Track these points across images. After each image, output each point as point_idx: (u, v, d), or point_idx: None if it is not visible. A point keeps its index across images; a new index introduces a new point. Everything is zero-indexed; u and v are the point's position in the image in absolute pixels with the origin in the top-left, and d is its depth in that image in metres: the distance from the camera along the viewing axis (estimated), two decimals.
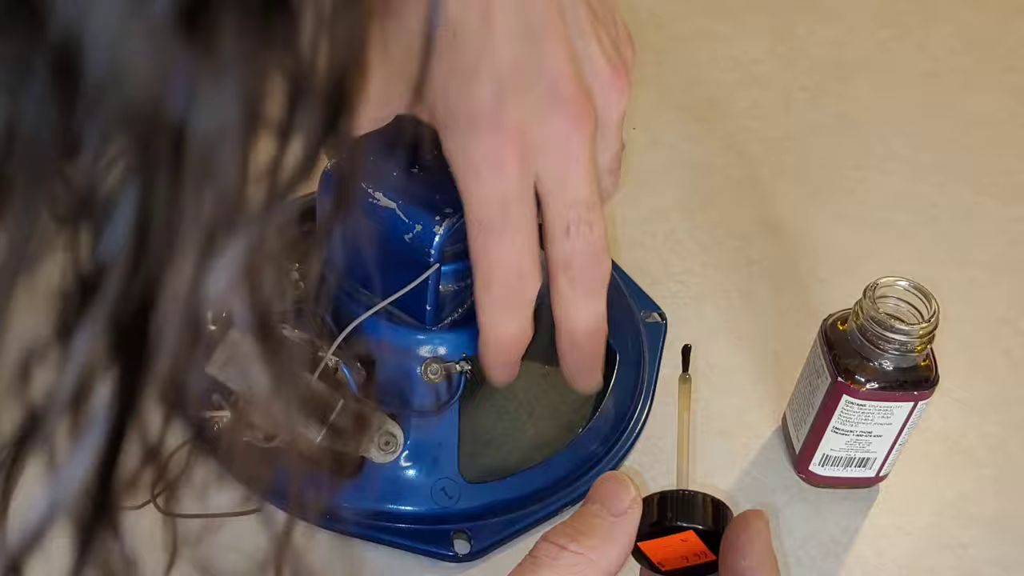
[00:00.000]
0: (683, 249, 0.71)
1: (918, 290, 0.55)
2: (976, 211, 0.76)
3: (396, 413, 0.55)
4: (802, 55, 0.86)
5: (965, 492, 0.61)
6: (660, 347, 0.65)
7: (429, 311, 0.53)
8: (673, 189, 0.75)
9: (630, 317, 0.65)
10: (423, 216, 0.50)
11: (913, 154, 0.79)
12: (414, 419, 0.55)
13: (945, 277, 0.71)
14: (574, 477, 0.58)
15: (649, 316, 0.66)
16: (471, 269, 0.52)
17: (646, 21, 0.85)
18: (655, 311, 0.66)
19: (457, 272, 0.54)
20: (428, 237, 0.50)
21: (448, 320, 0.55)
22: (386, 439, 0.54)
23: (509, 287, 0.48)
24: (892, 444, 0.57)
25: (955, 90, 0.85)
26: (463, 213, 0.48)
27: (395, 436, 0.54)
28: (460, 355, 0.55)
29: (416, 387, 0.55)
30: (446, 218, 0.50)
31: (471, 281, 0.54)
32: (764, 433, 0.62)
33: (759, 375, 0.65)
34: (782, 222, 0.74)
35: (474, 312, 0.54)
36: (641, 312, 0.66)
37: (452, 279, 0.54)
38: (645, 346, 0.64)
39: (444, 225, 0.50)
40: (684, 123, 0.80)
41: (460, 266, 0.53)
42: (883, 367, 0.54)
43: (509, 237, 0.46)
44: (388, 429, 0.54)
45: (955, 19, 0.91)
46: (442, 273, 0.52)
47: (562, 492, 0.58)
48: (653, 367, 0.64)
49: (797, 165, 0.77)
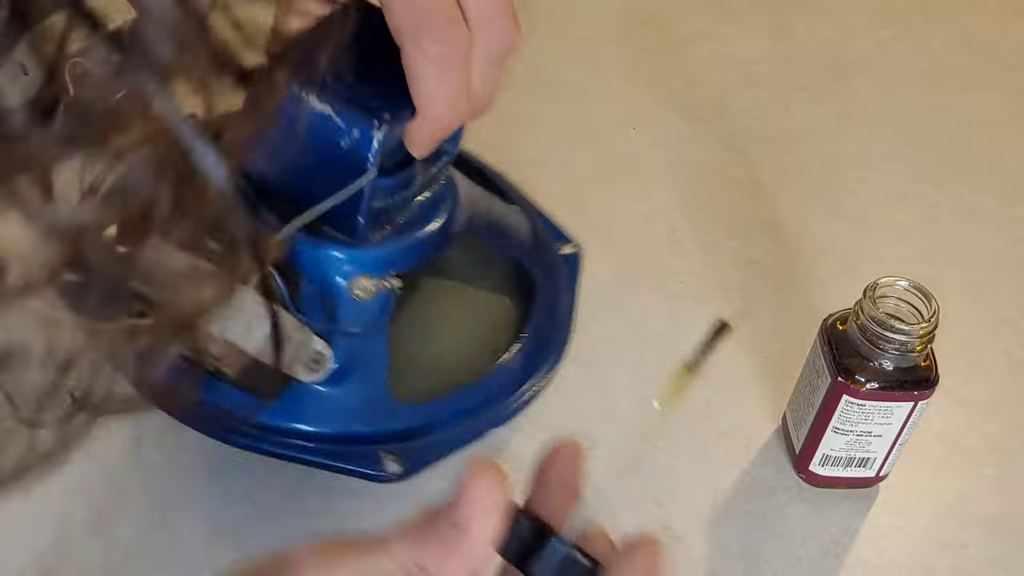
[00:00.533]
0: (683, 249, 0.71)
1: (918, 290, 0.55)
2: (976, 211, 0.76)
3: (323, 331, 0.53)
4: (802, 55, 0.86)
5: (965, 492, 0.61)
6: (576, 276, 0.67)
7: (361, 224, 0.51)
8: (673, 189, 0.75)
9: (548, 247, 0.67)
10: (361, 121, 0.48)
11: (913, 154, 0.79)
12: (342, 338, 0.53)
13: (945, 277, 0.71)
14: (501, 399, 0.59)
15: (563, 247, 0.68)
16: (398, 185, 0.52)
17: (646, 21, 0.85)
18: (569, 243, 0.68)
19: (387, 188, 0.52)
20: (366, 143, 0.48)
21: (378, 235, 0.54)
22: (314, 357, 0.53)
23: (440, 35, 0.47)
24: (892, 444, 0.57)
25: (955, 90, 0.85)
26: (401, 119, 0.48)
27: (323, 355, 0.53)
28: (389, 271, 0.53)
29: (344, 304, 0.53)
30: (385, 123, 0.48)
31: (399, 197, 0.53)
32: (764, 433, 0.62)
33: (759, 375, 0.65)
34: (782, 222, 0.74)
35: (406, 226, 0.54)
36: (557, 243, 0.67)
37: (382, 194, 0.52)
38: (563, 275, 0.66)
39: (383, 131, 0.48)
40: (684, 123, 0.80)
41: (390, 181, 0.52)
42: (883, 367, 0.54)
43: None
44: (315, 347, 0.53)
45: (955, 19, 0.91)
46: (377, 186, 0.50)
47: (490, 413, 0.59)
48: (571, 295, 0.65)
49: (797, 165, 0.77)
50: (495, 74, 0.50)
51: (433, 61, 0.47)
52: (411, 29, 0.46)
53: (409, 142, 0.50)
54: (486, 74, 0.49)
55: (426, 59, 0.47)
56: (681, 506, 0.59)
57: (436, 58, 0.47)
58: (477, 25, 0.47)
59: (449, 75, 0.48)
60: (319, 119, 0.48)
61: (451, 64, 0.47)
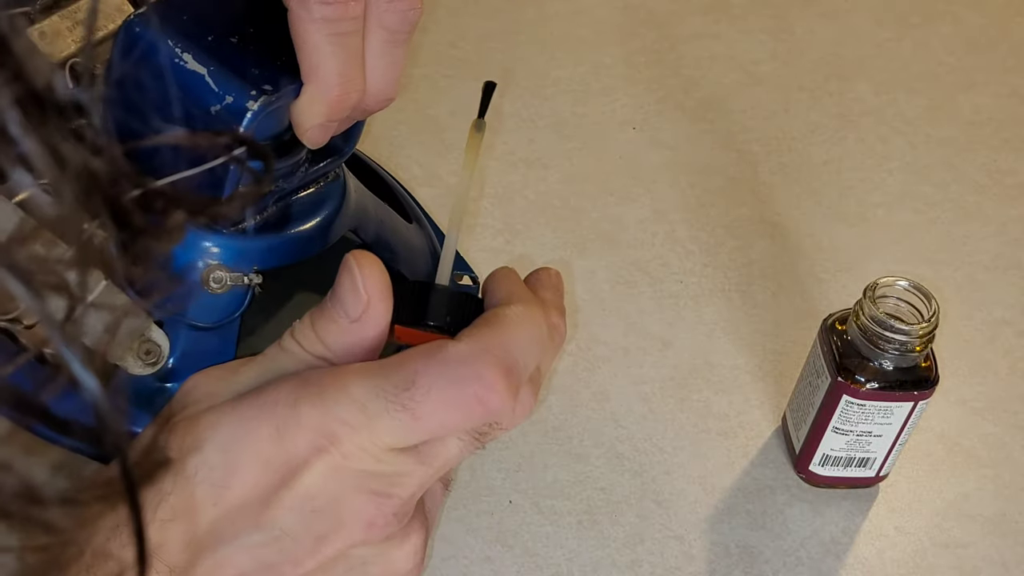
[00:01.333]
0: (683, 249, 0.71)
1: (918, 290, 0.55)
2: (976, 211, 0.76)
3: (164, 321, 0.48)
4: (802, 55, 0.86)
5: (965, 492, 0.61)
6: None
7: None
8: (673, 189, 0.75)
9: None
10: (237, 87, 0.43)
11: (913, 154, 0.79)
12: (186, 331, 0.48)
13: (945, 277, 0.72)
14: None
15: (461, 277, 0.63)
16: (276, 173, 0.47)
17: (646, 21, 0.85)
18: (467, 274, 0.64)
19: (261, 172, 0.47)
20: (239, 112, 0.43)
21: (243, 224, 0.49)
22: (147, 348, 0.48)
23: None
24: (892, 444, 0.57)
25: (955, 90, 0.85)
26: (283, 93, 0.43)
27: (159, 346, 0.48)
28: (251, 267, 0.49)
29: (194, 295, 0.48)
30: (263, 94, 0.43)
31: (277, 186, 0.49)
32: (764, 433, 0.62)
33: (759, 375, 0.65)
34: (782, 222, 0.74)
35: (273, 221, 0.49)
36: (455, 273, 0.63)
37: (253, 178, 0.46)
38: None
39: (260, 102, 0.43)
40: (684, 123, 0.80)
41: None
42: (883, 367, 0.54)
43: None
44: (151, 337, 0.48)
45: (955, 19, 0.91)
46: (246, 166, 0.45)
47: None
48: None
49: (797, 165, 0.78)
50: (396, 53, 0.45)
51: (320, 24, 0.42)
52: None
53: (296, 122, 0.45)
54: (384, 51, 0.44)
55: (312, 21, 0.42)
56: (681, 506, 0.59)
57: (324, 21, 0.42)
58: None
59: (339, 40, 0.43)
60: (191, 77, 0.43)
61: (341, 28, 0.42)
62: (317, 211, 0.52)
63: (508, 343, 0.36)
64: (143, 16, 0.43)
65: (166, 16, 0.44)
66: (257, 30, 0.45)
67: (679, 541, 0.57)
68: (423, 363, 0.35)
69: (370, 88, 0.45)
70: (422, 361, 0.36)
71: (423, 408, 0.35)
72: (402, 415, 0.35)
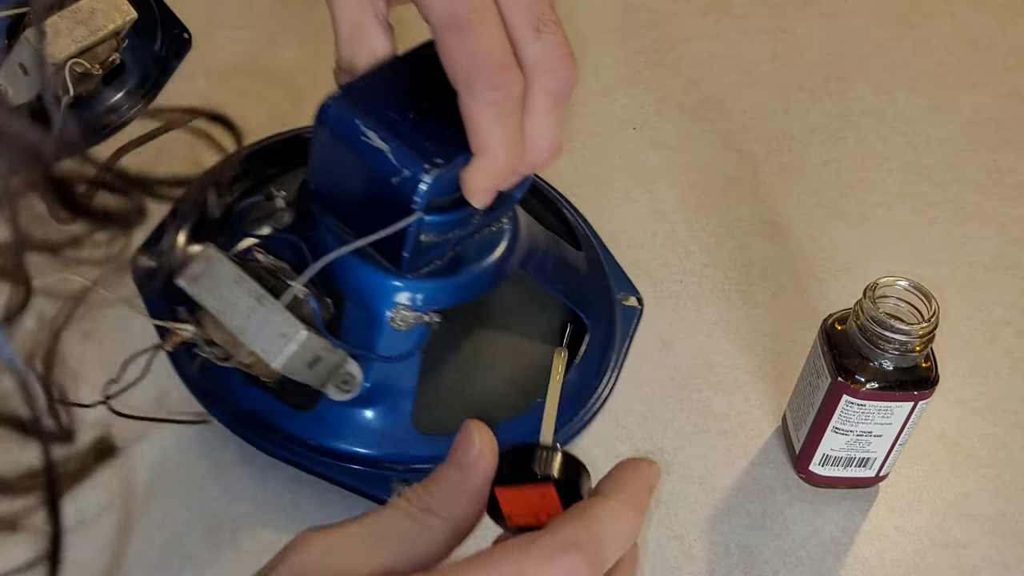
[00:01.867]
0: (683, 249, 0.71)
1: (918, 290, 0.55)
2: (976, 211, 0.76)
3: (359, 354, 0.55)
4: (802, 55, 0.86)
5: (965, 492, 0.61)
6: (632, 330, 0.66)
7: (406, 258, 0.52)
8: (673, 189, 0.75)
9: (607, 296, 0.66)
10: (413, 162, 0.49)
11: (913, 154, 0.79)
12: (376, 363, 0.55)
13: (945, 277, 0.71)
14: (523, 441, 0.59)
15: (627, 299, 0.67)
16: (451, 224, 0.52)
17: (646, 21, 0.85)
18: (634, 295, 0.67)
19: (439, 225, 0.53)
20: (414, 183, 0.49)
21: (424, 270, 0.55)
22: (344, 378, 0.54)
23: (493, 80, 0.46)
24: (892, 444, 0.57)
25: (955, 90, 0.85)
26: (454, 164, 0.48)
27: (354, 376, 0.54)
28: (431, 307, 0.55)
29: (382, 332, 0.55)
30: (435, 167, 0.49)
31: (452, 237, 0.54)
32: (764, 433, 0.62)
33: (759, 375, 0.65)
34: (782, 222, 0.74)
35: (451, 265, 0.54)
36: (620, 294, 0.67)
37: (434, 230, 0.53)
38: (617, 327, 0.65)
39: (432, 174, 0.49)
40: (684, 123, 0.80)
41: (443, 219, 0.53)
42: (883, 367, 0.54)
43: (479, 25, 0.46)
44: (348, 369, 0.54)
45: (955, 19, 0.91)
46: (424, 223, 0.51)
47: None
48: (622, 348, 0.64)
49: (797, 165, 0.78)
50: (555, 116, 0.49)
51: (486, 106, 0.47)
52: (464, 75, 0.46)
53: (466, 188, 0.50)
54: (546, 117, 0.49)
55: (479, 104, 0.47)
56: (681, 506, 0.59)
57: (489, 103, 0.47)
58: (533, 68, 0.47)
59: (503, 120, 0.47)
60: (375, 153, 0.50)
61: (505, 109, 0.47)
62: (490, 252, 0.58)
63: (601, 537, 0.37)
64: (336, 98, 0.50)
65: (354, 97, 0.51)
66: (431, 104, 0.50)
67: (679, 541, 0.57)
68: (518, 553, 0.36)
69: (539, 146, 0.49)
70: (518, 551, 0.36)
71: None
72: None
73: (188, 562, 0.54)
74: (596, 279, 0.66)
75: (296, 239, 0.56)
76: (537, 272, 0.61)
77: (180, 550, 0.55)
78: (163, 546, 0.55)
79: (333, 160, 0.52)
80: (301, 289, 0.52)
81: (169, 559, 0.54)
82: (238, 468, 0.58)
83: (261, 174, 0.65)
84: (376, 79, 0.51)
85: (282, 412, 0.56)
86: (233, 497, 0.57)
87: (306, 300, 0.53)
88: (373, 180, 0.50)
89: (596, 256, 0.67)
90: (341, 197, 0.53)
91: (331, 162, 0.52)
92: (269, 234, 0.58)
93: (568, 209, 0.69)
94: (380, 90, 0.51)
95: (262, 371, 0.53)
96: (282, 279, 0.53)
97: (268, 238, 0.57)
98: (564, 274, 0.63)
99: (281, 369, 0.51)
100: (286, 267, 0.54)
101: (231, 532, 0.55)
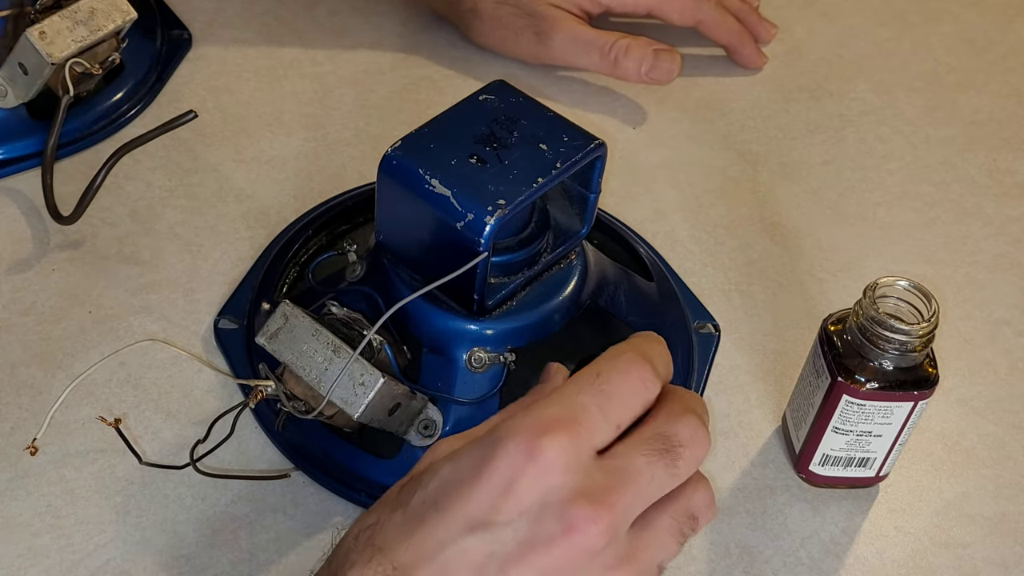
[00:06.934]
0: (683, 249, 0.71)
1: (918, 290, 0.55)
2: (976, 211, 0.76)
3: (437, 398, 0.56)
4: (802, 55, 0.86)
5: (965, 492, 0.61)
6: (710, 357, 0.65)
7: (476, 300, 0.54)
8: (673, 189, 0.75)
9: (682, 325, 0.65)
10: (476, 206, 0.51)
11: (913, 154, 0.79)
12: (454, 406, 0.56)
13: (945, 277, 0.71)
14: None
15: (703, 327, 0.66)
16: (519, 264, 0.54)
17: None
18: (710, 322, 0.67)
19: (506, 265, 0.55)
20: (479, 226, 0.51)
21: (497, 312, 0.56)
22: (425, 423, 0.55)
23: None
24: (892, 444, 0.57)
25: (955, 90, 0.85)
26: (516, 205, 0.51)
27: (435, 421, 0.55)
28: (506, 347, 0.56)
29: (459, 375, 0.56)
30: (498, 209, 0.51)
31: (521, 277, 0.56)
32: (764, 433, 0.62)
33: (759, 375, 0.65)
34: (782, 222, 0.74)
35: (523, 304, 0.56)
36: (695, 323, 0.66)
37: (501, 271, 0.55)
38: (695, 355, 0.64)
39: (496, 216, 0.51)
40: (684, 123, 0.80)
41: (509, 259, 0.55)
42: (883, 367, 0.54)
43: None
44: (428, 414, 0.55)
45: (955, 19, 0.91)
46: (491, 264, 0.53)
47: None
48: (701, 376, 0.64)
49: (797, 165, 0.78)
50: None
51: None
52: None
53: None
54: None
55: None
56: None
57: None
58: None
59: None
60: (439, 199, 0.51)
61: None
62: (561, 289, 0.58)
63: (646, 351, 0.45)
64: (399, 148, 0.53)
65: (414, 146, 0.53)
66: (489, 148, 0.53)
67: None
68: (596, 363, 0.43)
69: None
70: (595, 362, 0.43)
71: (612, 386, 0.42)
72: (599, 397, 0.41)
73: (188, 562, 0.54)
74: (670, 308, 0.66)
75: (369, 290, 0.57)
76: (610, 305, 0.61)
77: (180, 550, 0.55)
78: (163, 546, 0.55)
79: (399, 209, 0.54)
80: (376, 337, 0.53)
81: (169, 559, 0.54)
82: None
83: (333, 230, 0.66)
84: (434, 127, 0.53)
85: (367, 461, 0.57)
86: (233, 497, 0.57)
87: (382, 348, 0.54)
88: (439, 226, 0.52)
89: (669, 286, 0.67)
90: (409, 245, 0.55)
91: (397, 211, 0.54)
92: (343, 287, 0.59)
93: (637, 241, 0.69)
94: (438, 138, 0.53)
95: (344, 421, 0.54)
96: (357, 330, 0.54)
97: (342, 291, 0.58)
98: (637, 305, 0.63)
99: (361, 417, 0.51)
100: (360, 318, 0.54)
101: (231, 532, 0.55)
